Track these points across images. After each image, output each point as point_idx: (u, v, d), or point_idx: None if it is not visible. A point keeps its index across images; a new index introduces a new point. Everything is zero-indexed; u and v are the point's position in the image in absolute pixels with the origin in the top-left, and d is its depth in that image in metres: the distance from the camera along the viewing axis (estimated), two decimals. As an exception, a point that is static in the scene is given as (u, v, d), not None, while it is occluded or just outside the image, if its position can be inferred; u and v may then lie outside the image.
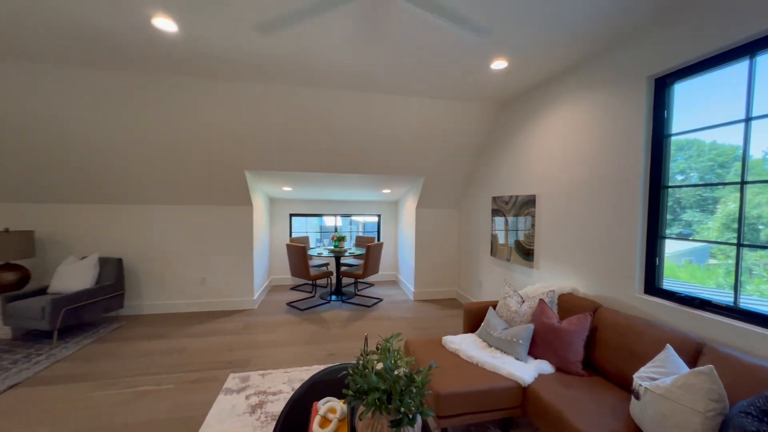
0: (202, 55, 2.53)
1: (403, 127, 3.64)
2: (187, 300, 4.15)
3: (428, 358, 2.12)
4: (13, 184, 3.57)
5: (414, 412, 1.13)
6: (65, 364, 2.76)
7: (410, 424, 1.13)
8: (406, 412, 1.12)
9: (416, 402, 1.14)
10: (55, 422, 2.04)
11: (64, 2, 1.92)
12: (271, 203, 5.54)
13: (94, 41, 2.34)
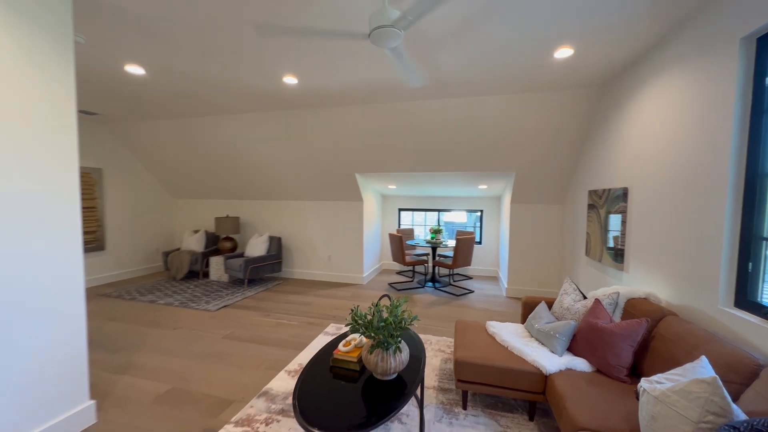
0: (315, 94, 3.55)
1: (486, 124, 3.77)
2: (319, 271, 5.58)
3: (466, 336, 2.40)
4: (228, 188, 5.78)
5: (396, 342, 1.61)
6: (248, 300, 4.43)
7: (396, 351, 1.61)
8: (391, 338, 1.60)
9: (396, 336, 1.61)
10: (236, 328, 3.47)
11: (241, 76, 3.22)
12: (383, 199, 6.52)
13: (253, 96, 3.70)
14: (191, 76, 3.13)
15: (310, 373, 1.75)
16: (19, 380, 1.67)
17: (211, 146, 5.04)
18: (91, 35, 2.38)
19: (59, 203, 1.83)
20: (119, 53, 2.67)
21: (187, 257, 5.40)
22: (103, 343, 3.12)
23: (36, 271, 1.73)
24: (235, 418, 2.04)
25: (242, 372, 2.61)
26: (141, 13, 2.09)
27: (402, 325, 1.68)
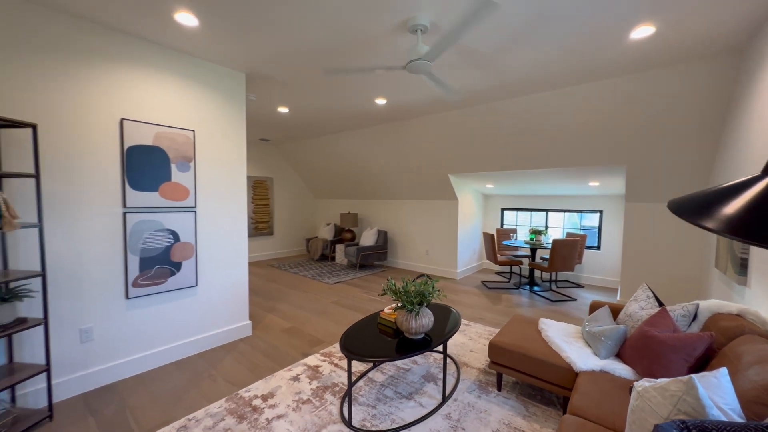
0: (401, 108, 4.18)
1: (579, 116, 3.50)
2: (417, 263, 6.20)
3: (513, 327, 2.52)
4: (350, 189, 7.11)
5: (416, 308, 2.06)
6: (356, 280, 5.49)
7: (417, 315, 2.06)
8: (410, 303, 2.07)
9: (415, 303, 2.06)
10: (342, 297, 4.48)
11: (346, 103, 4.18)
12: (485, 198, 6.54)
13: (356, 115, 4.62)
14: (315, 108, 4.31)
15: (361, 324, 2.39)
16: (218, 298, 3.00)
17: (336, 157, 6.42)
18: (259, 93, 3.75)
19: (236, 201, 3.11)
20: (273, 101, 4.03)
21: (320, 243, 7.02)
22: (263, 293, 4.69)
23: (225, 241, 3.03)
24: (321, 352, 2.90)
25: (336, 326, 3.51)
26: (283, 78, 3.22)
27: (424, 297, 2.10)
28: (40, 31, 2.04)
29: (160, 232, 2.59)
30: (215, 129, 2.93)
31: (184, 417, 2.04)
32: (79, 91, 2.20)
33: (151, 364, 2.60)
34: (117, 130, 2.37)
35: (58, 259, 2.16)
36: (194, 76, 2.77)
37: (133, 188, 2.44)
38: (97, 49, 2.26)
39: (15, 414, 1.95)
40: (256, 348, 2.98)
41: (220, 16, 2.17)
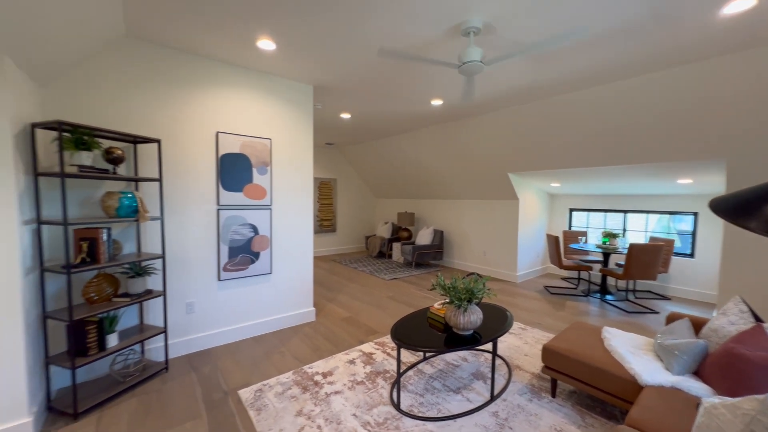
0: (457, 108, 4.18)
1: (672, 104, 3.12)
2: (474, 264, 6.08)
3: (572, 333, 2.40)
4: (407, 189, 7.26)
5: (464, 304, 2.12)
6: (411, 277, 5.62)
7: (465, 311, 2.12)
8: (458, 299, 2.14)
9: (466, 297, 2.12)
10: (397, 293, 4.66)
11: (404, 107, 4.34)
12: (551, 198, 6.11)
13: (414, 117, 4.74)
14: (375, 112, 4.56)
15: (412, 317, 2.52)
16: (288, 285, 3.41)
17: (395, 158, 6.63)
18: (324, 102, 4.13)
19: (305, 200, 3.50)
20: (337, 108, 4.39)
21: (378, 241, 7.32)
22: (325, 284, 5.11)
23: (294, 235, 3.44)
24: (376, 341, 3.11)
25: (390, 318, 3.70)
26: (345, 87, 3.52)
27: (473, 294, 2.14)
28: (160, 67, 2.61)
29: (243, 226, 3.07)
30: (288, 136, 3.33)
31: (260, 382, 2.41)
32: (188, 112, 2.75)
33: (236, 336, 3.10)
34: (213, 141, 2.88)
35: (172, 245, 2.72)
36: (271, 92, 3.20)
37: (225, 189, 2.94)
38: (200, 77, 2.79)
39: (144, 363, 2.53)
40: (318, 332, 3.32)
41: (292, 40, 2.50)
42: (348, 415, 2.06)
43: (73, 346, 2.03)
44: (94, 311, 2.08)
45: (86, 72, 2.32)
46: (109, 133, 2.15)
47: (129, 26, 2.32)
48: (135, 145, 2.50)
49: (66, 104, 2.26)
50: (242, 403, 2.17)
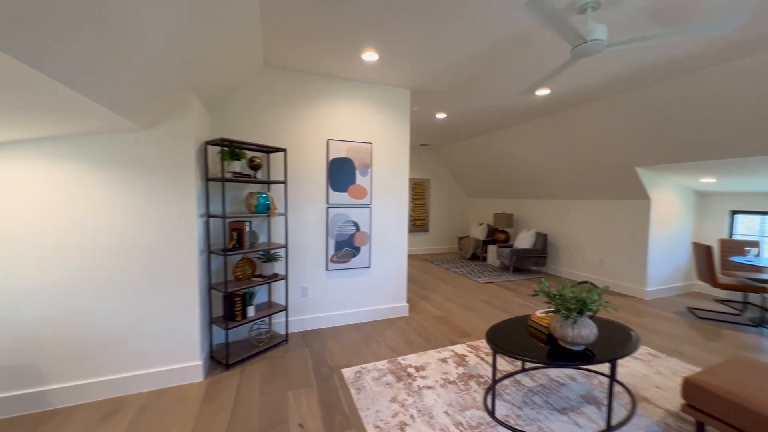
0: (568, 96, 3.71)
1: None
2: (585, 273, 5.29)
3: (729, 368, 1.89)
4: (505, 189, 6.79)
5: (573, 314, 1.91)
6: (509, 283, 5.26)
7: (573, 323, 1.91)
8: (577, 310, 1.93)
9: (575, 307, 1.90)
10: (491, 297, 4.43)
11: (505, 101, 4.10)
12: (698, 197, 4.84)
13: (514, 111, 4.40)
14: (472, 109, 4.44)
15: (509, 323, 2.38)
16: (384, 280, 3.64)
17: (491, 156, 6.31)
18: (420, 104, 4.24)
19: (400, 200, 3.67)
20: (433, 109, 4.45)
21: (472, 243, 7.07)
22: (418, 282, 5.23)
23: (390, 233, 3.64)
24: (468, 343, 3.05)
25: (483, 322, 3.56)
26: (442, 88, 3.56)
27: (584, 305, 1.90)
28: (286, 88, 3.12)
29: (347, 223, 3.41)
30: (386, 139, 3.55)
31: (359, 365, 2.65)
32: (305, 124, 3.21)
33: (339, 321, 3.47)
34: (324, 148, 3.29)
35: (292, 237, 3.23)
36: (371, 98, 3.46)
37: (333, 190, 3.33)
38: (314, 93, 3.22)
39: (271, 333, 3.09)
40: (411, 327, 3.43)
41: (393, 50, 2.67)
42: (440, 411, 2.09)
43: (227, 312, 2.63)
44: (239, 287, 2.64)
45: (236, 99, 2.96)
46: (252, 145, 2.69)
47: (266, 58, 2.85)
48: (268, 155, 3.07)
49: (224, 125, 2.93)
50: (344, 380, 2.43)
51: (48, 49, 1.11)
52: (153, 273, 2.26)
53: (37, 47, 1.07)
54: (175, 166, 2.27)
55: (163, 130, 2.23)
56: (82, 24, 1.16)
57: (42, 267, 2.03)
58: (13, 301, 1.99)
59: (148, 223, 2.23)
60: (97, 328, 2.15)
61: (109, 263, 2.16)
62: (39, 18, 1.01)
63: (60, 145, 2.03)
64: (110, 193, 2.14)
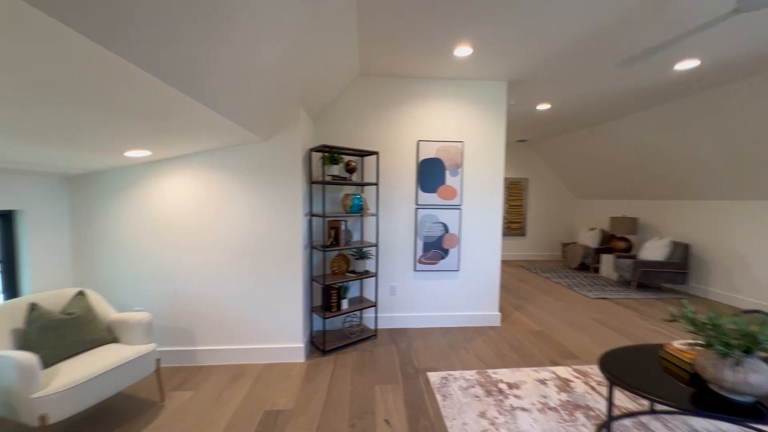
0: (717, 71, 2.84)
1: None
2: (749, 297, 3.99)
3: None
4: (626, 188, 5.65)
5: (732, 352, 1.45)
6: (630, 301, 4.36)
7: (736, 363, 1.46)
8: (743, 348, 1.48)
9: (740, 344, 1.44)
10: (606, 316, 3.74)
11: (632, 78, 3.41)
12: None
13: (643, 92, 3.59)
14: (584, 96, 3.85)
15: (632, 351, 1.96)
16: (474, 285, 3.46)
17: (609, 148, 5.34)
18: (518, 97, 3.88)
19: (493, 201, 3.42)
20: (533, 100, 4.02)
21: (580, 250, 6.14)
22: (511, 290, 4.80)
23: (482, 236, 3.43)
24: (574, 367, 2.63)
25: (594, 344, 3.03)
26: (545, 75, 3.20)
27: (754, 342, 1.42)
28: (379, 93, 3.25)
29: (436, 224, 3.36)
30: (479, 137, 3.36)
31: (446, 370, 2.57)
32: (396, 126, 3.29)
33: (426, 323, 3.44)
34: (414, 149, 3.31)
35: (382, 237, 3.35)
36: (462, 96, 3.32)
37: (422, 190, 3.32)
38: (405, 95, 3.27)
39: (362, 327, 3.27)
40: (503, 338, 3.17)
41: (489, 40, 2.50)
42: (538, 438, 1.86)
43: (324, 302, 2.90)
44: (335, 281, 2.87)
45: (335, 108, 3.23)
46: (348, 150, 2.90)
47: (362, 67, 3.03)
48: (362, 158, 3.25)
49: (325, 132, 3.23)
50: (430, 384, 2.39)
51: (197, 79, 1.40)
52: (270, 263, 2.64)
53: (192, 80, 1.36)
54: (287, 171, 2.60)
55: (277, 140, 2.59)
56: (219, 57, 1.42)
57: (195, 254, 2.59)
58: (176, 278, 2.60)
59: (266, 220, 2.62)
60: (230, 305, 2.64)
61: (239, 253, 2.61)
62: (196, 61, 1.27)
63: (206, 158, 2.55)
64: (240, 194, 2.59)
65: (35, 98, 1.18)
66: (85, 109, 1.35)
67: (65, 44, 0.89)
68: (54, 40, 0.86)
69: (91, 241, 2.55)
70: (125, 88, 1.22)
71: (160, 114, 1.57)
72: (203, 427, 1.93)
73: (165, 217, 2.57)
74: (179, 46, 1.17)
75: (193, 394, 2.26)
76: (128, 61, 1.03)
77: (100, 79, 1.13)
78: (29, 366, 1.60)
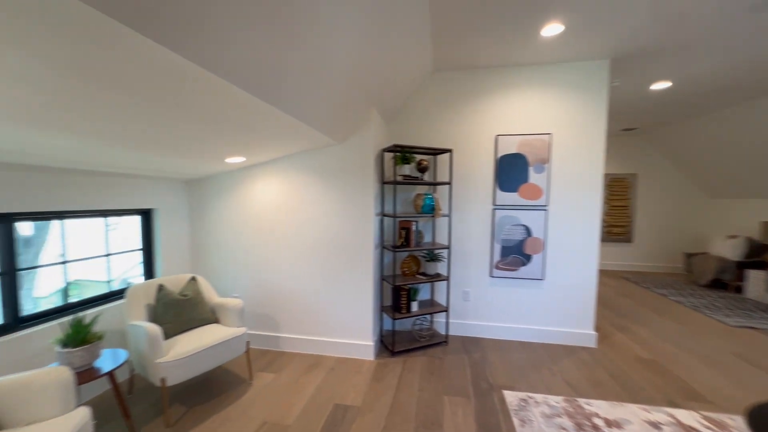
0: None
1: None
2: None
3: None
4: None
5: None
6: (796, 335, 3.27)
7: None
8: None
9: None
10: (754, 352, 2.86)
11: None
12: None
13: None
14: (723, 67, 3.02)
15: (804, 408, 1.43)
16: (562, 297, 3.03)
17: (758, 135, 4.10)
18: (624, 76, 3.25)
19: (589, 201, 2.93)
20: (647, 78, 3.31)
21: (713, 263, 4.87)
22: (613, 307, 4.06)
23: (573, 241, 2.97)
24: (703, 413, 2.06)
25: (733, 386, 2.34)
26: (668, 46, 2.60)
27: None
28: (452, 89, 3.08)
29: (516, 227, 3.04)
30: (571, 127, 2.92)
31: (525, 392, 2.30)
32: (472, 122, 3.08)
33: (503, 334, 3.15)
34: (492, 144, 3.05)
35: (455, 239, 3.18)
36: (550, 81, 2.92)
37: (500, 189, 3.04)
38: (482, 87, 3.03)
39: (432, 331, 3.16)
40: (600, 363, 2.69)
41: (586, 13, 2.13)
42: (647, 496, 1.50)
43: (394, 303, 2.88)
44: (406, 282, 2.83)
45: (408, 107, 3.18)
46: (420, 149, 2.82)
47: (435, 62, 2.92)
48: (435, 157, 3.14)
49: (397, 132, 3.21)
50: (506, 404, 2.16)
51: (275, 87, 1.50)
52: (343, 260, 2.74)
53: (275, 91, 1.47)
54: (359, 172, 2.66)
55: (351, 142, 2.66)
56: (297, 69, 1.50)
57: (279, 248, 2.85)
58: (264, 269, 2.90)
59: (340, 219, 2.72)
60: (307, 298, 2.83)
61: (316, 250, 2.78)
62: (279, 75, 1.37)
63: (288, 162, 2.78)
64: (317, 195, 2.75)
65: (164, 118, 1.42)
66: (197, 125, 1.57)
67: (184, 74, 1.04)
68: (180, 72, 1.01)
69: (202, 234, 3.03)
70: (225, 103, 1.38)
71: (249, 123, 1.75)
72: (282, 410, 2.10)
73: (256, 214, 2.89)
74: (261, 59, 1.27)
75: (275, 377, 2.49)
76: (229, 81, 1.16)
77: (208, 99, 1.30)
78: (155, 335, 1.96)
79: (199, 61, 1.05)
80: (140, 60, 0.98)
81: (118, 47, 0.91)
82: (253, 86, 1.34)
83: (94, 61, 0.95)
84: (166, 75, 1.09)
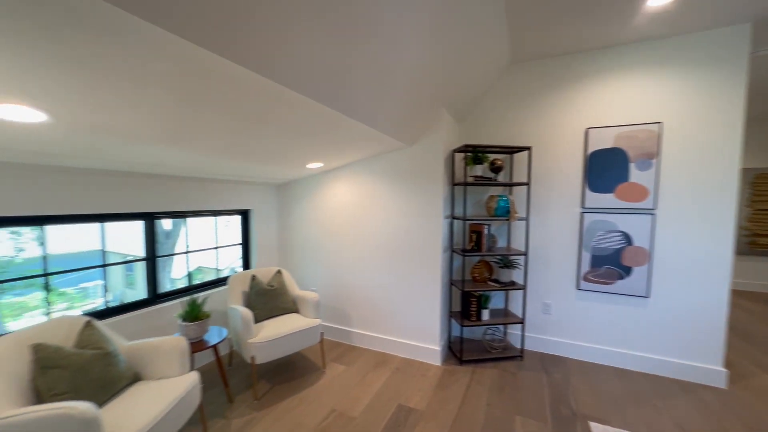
0: None
1: None
2: None
3: None
4: None
5: None
6: None
7: None
8: None
9: None
10: None
11: None
12: None
13: None
14: None
15: None
16: (675, 321, 2.49)
17: None
18: (775, 43, 2.51)
19: (717, 203, 2.35)
20: (812, 43, 2.50)
21: None
22: (753, 339, 3.17)
23: (692, 252, 2.41)
24: None
25: None
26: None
27: None
28: (531, 80, 2.81)
29: (611, 233, 2.61)
30: (690, 114, 2.38)
31: (619, 428, 1.96)
32: (556, 115, 2.76)
33: (592, 357, 2.74)
34: (581, 139, 2.69)
35: (534, 245, 2.90)
36: (659, 60, 2.42)
37: (591, 190, 2.66)
38: (569, 76, 2.69)
39: (505, 344, 2.94)
40: (731, 410, 2.12)
41: (711, -30, 1.72)
42: None
43: (463, 309, 2.77)
44: (476, 288, 2.69)
45: (481, 105, 3.02)
46: (494, 147, 2.66)
47: (512, 53, 2.71)
48: (511, 155, 2.92)
49: (470, 131, 3.08)
50: (594, 438, 1.88)
51: (347, 99, 1.60)
52: (411, 262, 2.76)
53: (345, 101, 1.56)
54: (428, 174, 2.64)
55: (420, 145, 2.66)
56: (365, 78, 1.57)
57: (351, 248, 3.02)
58: (338, 266, 3.10)
59: (408, 221, 2.75)
60: (376, 296, 2.93)
61: (385, 250, 2.86)
62: (350, 87, 1.46)
63: (361, 166, 2.91)
64: (387, 197, 2.82)
65: (258, 132, 1.65)
66: (284, 136, 1.79)
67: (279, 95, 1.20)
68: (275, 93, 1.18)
69: (287, 232, 3.39)
70: (306, 115, 1.54)
71: (325, 131, 1.90)
72: (349, 402, 2.21)
73: (331, 214, 3.11)
74: (333, 74, 1.37)
75: (345, 369, 2.64)
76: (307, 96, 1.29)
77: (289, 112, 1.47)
78: (248, 318, 2.27)
79: (285, 82, 1.21)
80: (247, 87, 1.17)
81: (235, 83, 1.09)
82: (327, 99, 1.45)
83: (214, 93, 1.17)
84: (264, 96, 1.27)
